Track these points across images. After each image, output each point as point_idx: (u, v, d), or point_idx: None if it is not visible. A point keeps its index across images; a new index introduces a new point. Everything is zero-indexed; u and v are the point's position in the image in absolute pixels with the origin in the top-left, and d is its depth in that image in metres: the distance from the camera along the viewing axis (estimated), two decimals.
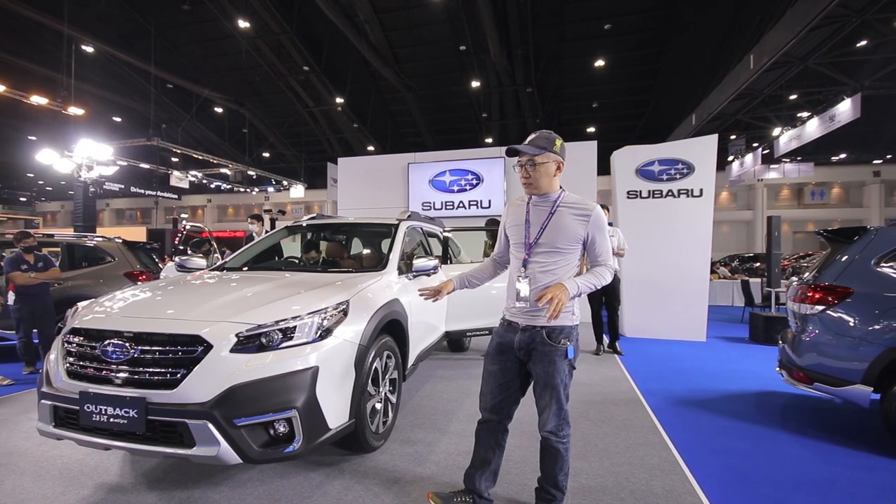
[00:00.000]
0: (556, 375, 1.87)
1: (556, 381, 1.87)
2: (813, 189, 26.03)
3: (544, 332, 1.89)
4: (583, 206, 1.93)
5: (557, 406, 1.89)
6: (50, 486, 2.35)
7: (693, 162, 6.59)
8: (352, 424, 2.38)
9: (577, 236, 1.90)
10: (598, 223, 1.90)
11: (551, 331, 1.88)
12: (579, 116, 23.77)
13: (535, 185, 1.94)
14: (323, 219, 4.39)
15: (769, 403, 3.92)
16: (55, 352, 2.27)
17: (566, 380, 1.90)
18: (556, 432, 1.91)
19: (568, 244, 1.91)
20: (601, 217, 1.91)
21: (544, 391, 1.90)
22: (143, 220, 35.01)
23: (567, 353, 1.88)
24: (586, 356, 5.42)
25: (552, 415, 1.89)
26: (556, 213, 1.93)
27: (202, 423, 1.92)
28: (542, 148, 1.90)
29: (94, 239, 6.11)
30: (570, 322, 1.91)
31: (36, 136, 21.97)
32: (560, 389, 1.88)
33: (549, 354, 1.88)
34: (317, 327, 2.24)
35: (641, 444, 2.88)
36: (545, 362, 1.88)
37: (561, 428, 1.92)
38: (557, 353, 1.87)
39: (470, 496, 2.06)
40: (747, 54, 13.13)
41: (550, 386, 1.88)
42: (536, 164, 1.91)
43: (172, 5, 16.69)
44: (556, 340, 1.87)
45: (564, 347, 1.87)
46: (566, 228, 1.90)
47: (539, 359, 1.89)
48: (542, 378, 1.90)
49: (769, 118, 17.85)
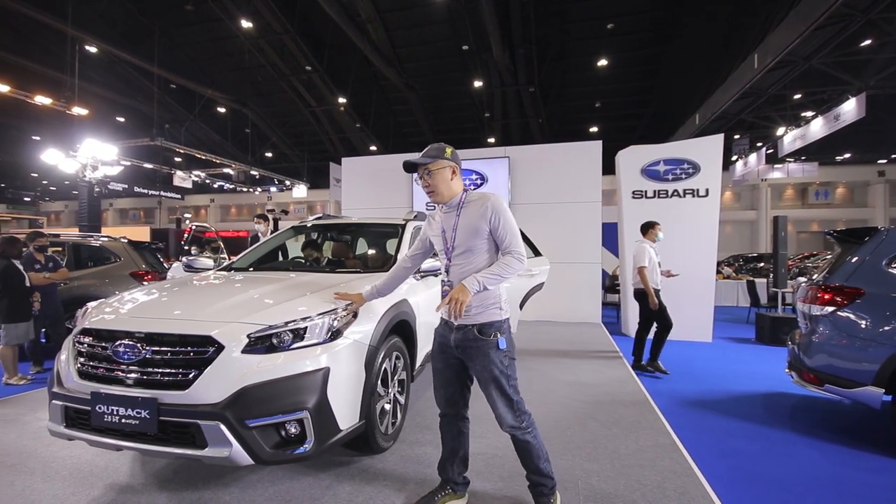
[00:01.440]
0: (492, 368, 1.93)
1: (496, 373, 1.93)
2: (817, 189, 25.91)
3: (475, 328, 1.96)
4: (479, 200, 2.00)
5: (505, 398, 1.94)
6: (60, 487, 2.35)
7: (699, 161, 6.56)
8: (362, 425, 2.37)
9: (482, 231, 1.96)
10: (494, 210, 1.95)
11: (482, 327, 1.95)
12: (582, 116, 23.72)
13: (436, 192, 2.05)
14: (329, 219, 4.38)
15: (778, 405, 3.91)
16: (66, 352, 2.27)
17: (507, 371, 1.95)
18: (518, 425, 1.96)
19: (477, 242, 1.98)
20: (498, 204, 1.96)
21: (487, 386, 1.96)
22: (146, 219, 35.10)
23: (499, 344, 1.94)
24: (594, 357, 5.40)
25: (504, 408, 1.95)
26: (461, 216, 2.02)
27: (214, 424, 1.91)
28: (434, 157, 2.02)
29: (99, 239, 6.12)
30: (498, 317, 1.97)
31: (40, 136, 22.04)
32: (502, 381, 1.94)
33: (482, 349, 1.95)
34: (327, 328, 2.23)
35: (652, 445, 2.87)
36: (479, 356, 1.95)
37: (521, 420, 1.96)
38: (490, 346, 1.94)
39: (448, 486, 2.18)
40: (751, 54, 13.07)
41: (491, 378, 1.94)
42: (432, 171, 2.02)
43: (176, 5, 16.70)
44: (486, 335, 1.95)
45: (496, 340, 1.94)
46: (471, 226, 1.98)
47: (474, 355, 1.96)
48: (481, 374, 1.97)
49: (773, 118, 17.79)
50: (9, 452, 2.76)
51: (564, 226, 7.89)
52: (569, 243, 7.80)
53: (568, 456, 2.71)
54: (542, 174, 8.15)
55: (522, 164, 8.29)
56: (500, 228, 1.94)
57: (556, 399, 3.78)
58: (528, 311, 4.80)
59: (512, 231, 1.95)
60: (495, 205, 1.96)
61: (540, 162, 8.28)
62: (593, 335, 6.79)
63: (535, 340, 6.30)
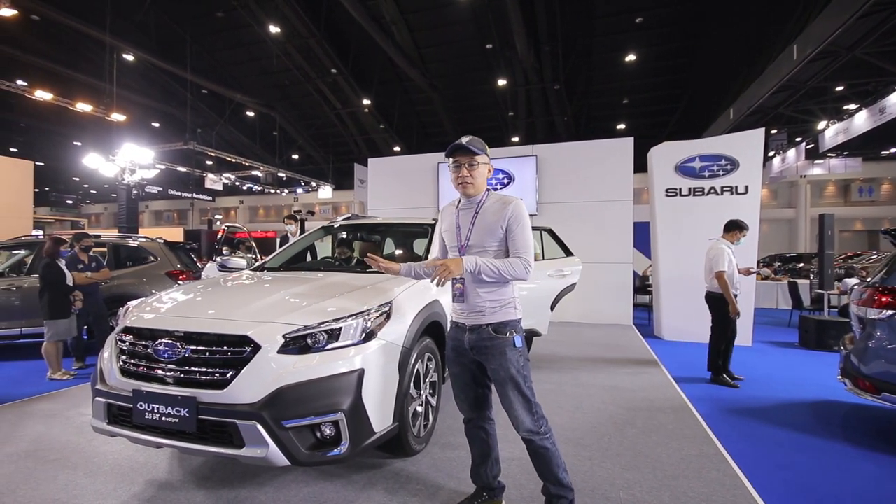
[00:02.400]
0: (510, 366, 1.88)
1: (512, 372, 1.88)
2: (860, 185, 24.60)
3: (490, 328, 1.92)
4: (501, 201, 1.97)
5: (523, 399, 1.89)
6: (102, 482, 2.40)
7: (737, 157, 6.29)
8: (395, 428, 2.33)
9: (498, 233, 1.93)
10: (515, 215, 1.92)
11: (497, 326, 1.92)
12: (609, 113, 23.23)
13: (474, 185, 1.99)
14: (358, 219, 4.38)
15: (829, 413, 3.68)
16: (108, 349, 2.31)
17: (523, 370, 1.91)
18: (535, 430, 1.89)
19: (492, 242, 1.94)
20: (520, 211, 1.93)
21: (504, 386, 1.90)
22: (179, 221, 36.35)
23: (514, 342, 1.90)
24: (628, 361, 5.24)
25: (521, 410, 1.88)
26: (479, 214, 1.99)
27: (251, 424, 1.90)
28: (481, 150, 1.96)
29: (137, 239, 6.32)
30: (513, 316, 1.94)
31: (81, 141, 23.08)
32: (519, 381, 1.89)
33: (498, 347, 1.90)
34: (361, 329, 2.21)
35: (697, 455, 2.73)
36: (496, 355, 1.90)
37: (539, 424, 1.90)
38: (506, 344, 1.90)
39: (483, 493, 2.11)
40: (790, 45, 12.51)
41: (509, 378, 1.89)
42: (478, 164, 1.97)
43: (207, 13, 17.23)
44: (502, 333, 1.91)
45: (511, 338, 1.90)
46: (488, 226, 1.95)
47: (491, 354, 1.91)
48: (498, 373, 1.91)
49: (813, 111, 16.97)
50: (52, 447, 2.85)
51: (594, 225, 7.70)
52: (599, 243, 7.61)
53: (606, 463, 2.61)
54: (570, 172, 7.99)
55: (550, 162, 8.15)
56: (516, 234, 1.91)
57: (592, 404, 3.66)
58: (556, 313, 4.69)
59: (526, 241, 1.91)
60: (517, 210, 1.93)
61: (568, 160, 8.12)
62: (626, 338, 6.60)
63: (566, 343, 6.16)
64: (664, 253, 6.77)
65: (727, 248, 4.37)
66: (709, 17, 16.41)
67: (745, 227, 4.47)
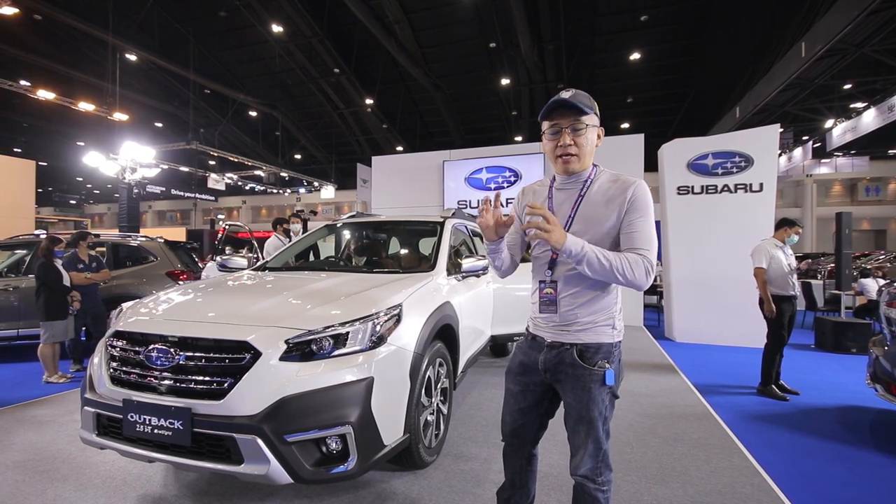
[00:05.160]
0: (592, 407, 1.45)
1: (594, 415, 1.45)
2: (867, 185, 24.35)
3: (575, 350, 1.47)
4: (619, 182, 1.47)
5: (595, 445, 1.47)
6: (92, 497, 2.25)
7: (752, 154, 6.12)
8: (406, 440, 2.17)
9: (609, 224, 1.44)
10: (638, 200, 1.42)
11: (585, 349, 1.47)
12: (613, 112, 23.05)
13: (580, 158, 1.47)
14: (362, 217, 4.23)
15: (856, 420, 3.50)
16: (98, 355, 2.16)
17: (606, 412, 1.48)
18: (594, 477, 1.47)
19: (600, 235, 1.45)
20: (642, 193, 1.43)
21: (578, 425, 1.49)
22: (182, 221, 36.32)
23: (605, 378, 1.45)
24: (643, 365, 5.07)
25: (588, 456, 1.47)
26: (586, 197, 1.49)
27: (251, 438, 1.74)
28: (589, 107, 1.44)
29: (137, 239, 6.19)
30: (608, 338, 1.48)
31: (84, 141, 23.04)
32: (598, 425, 1.46)
33: (581, 380, 1.46)
34: (370, 333, 2.04)
35: (727, 467, 2.56)
36: (577, 389, 1.47)
37: (599, 472, 1.47)
38: (593, 379, 1.45)
39: None
40: (798, 42, 12.32)
41: (586, 420, 1.47)
42: (585, 127, 1.45)
43: (209, 13, 17.14)
44: (590, 362, 1.46)
45: (602, 371, 1.45)
46: (597, 213, 1.46)
47: (570, 385, 1.49)
48: (574, 410, 1.49)
49: (820, 109, 16.76)
50: (42, 457, 2.70)
51: None
52: None
53: (632, 477, 2.44)
54: None
55: None
56: (637, 226, 1.41)
57: None
58: None
59: (650, 236, 1.42)
60: (639, 194, 1.42)
61: None
62: (637, 340, 6.43)
63: None
64: (676, 252, 6.60)
65: (771, 246, 4.11)
66: (714, 14, 16.23)
67: (795, 223, 4.17)
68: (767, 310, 4.01)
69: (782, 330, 4.04)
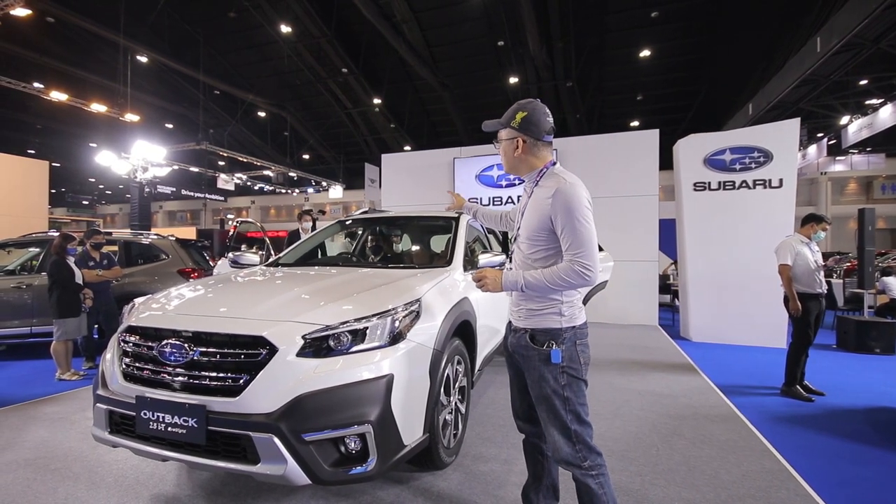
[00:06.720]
0: (542, 385, 1.59)
1: (546, 392, 1.58)
2: (883, 182, 23.85)
3: (527, 334, 1.64)
4: (547, 188, 1.59)
5: (559, 424, 1.56)
6: (104, 496, 2.20)
7: (771, 149, 5.96)
8: (426, 439, 2.10)
9: (546, 224, 1.57)
10: (561, 203, 1.51)
11: (535, 333, 1.62)
12: (622, 110, 22.82)
13: (505, 164, 1.75)
14: (375, 213, 4.17)
15: (886, 421, 3.37)
16: (111, 351, 2.11)
17: (563, 391, 1.56)
18: (578, 463, 1.53)
19: (541, 232, 1.60)
20: (566, 196, 1.51)
21: (539, 405, 1.63)
22: (192, 220, 36.62)
23: (551, 357, 1.56)
24: (661, 364, 4.95)
25: (558, 436, 1.56)
26: (532, 195, 1.67)
27: (268, 437, 1.68)
28: (501, 123, 1.69)
29: (149, 237, 6.19)
30: (557, 324, 1.60)
31: (96, 142, 23.26)
32: (555, 402, 1.56)
33: (531, 360, 1.61)
34: (388, 330, 1.97)
35: (759, 471, 2.45)
36: (530, 369, 1.63)
37: (583, 457, 1.53)
38: (540, 358, 1.59)
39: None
40: (813, 37, 12.07)
41: (542, 398, 1.60)
42: (500, 140, 1.73)
43: (219, 14, 17.22)
44: (539, 343, 1.60)
45: (548, 351, 1.57)
46: (536, 212, 1.61)
47: (525, 365, 1.65)
48: (533, 389, 1.64)
49: (835, 106, 16.44)
50: (55, 455, 2.66)
51: (617, 221, 7.39)
52: (622, 240, 7.29)
53: (660, 481, 2.34)
54: (592, 167, 7.68)
55: (570, 156, 7.86)
56: (564, 226, 1.52)
57: (631, 411, 3.39)
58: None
59: (578, 236, 1.49)
60: (561, 199, 1.52)
61: (590, 154, 7.82)
62: (654, 339, 6.30)
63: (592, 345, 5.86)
64: (692, 250, 6.46)
65: (796, 242, 3.96)
66: (726, 9, 15.96)
67: (823, 219, 4.00)
68: (793, 308, 3.87)
69: (808, 329, 3.89)
